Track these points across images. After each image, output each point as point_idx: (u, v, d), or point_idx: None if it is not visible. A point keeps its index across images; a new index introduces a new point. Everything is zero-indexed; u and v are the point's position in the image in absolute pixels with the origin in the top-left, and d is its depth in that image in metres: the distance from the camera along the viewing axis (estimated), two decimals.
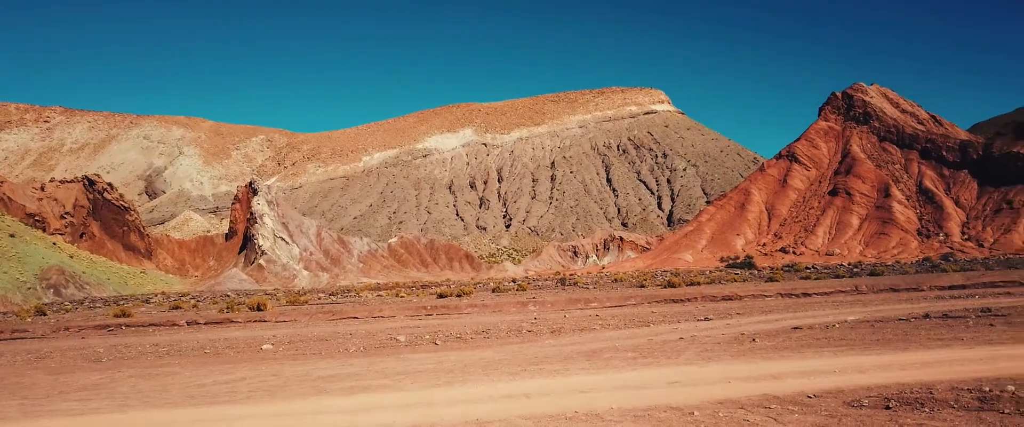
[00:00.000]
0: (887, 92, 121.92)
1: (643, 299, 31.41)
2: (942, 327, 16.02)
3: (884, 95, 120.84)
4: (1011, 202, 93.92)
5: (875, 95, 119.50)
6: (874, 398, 8.11)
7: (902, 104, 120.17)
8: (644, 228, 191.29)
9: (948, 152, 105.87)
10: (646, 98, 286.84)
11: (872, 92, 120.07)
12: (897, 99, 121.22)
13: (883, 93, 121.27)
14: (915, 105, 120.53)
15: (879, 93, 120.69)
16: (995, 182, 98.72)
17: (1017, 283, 32.95)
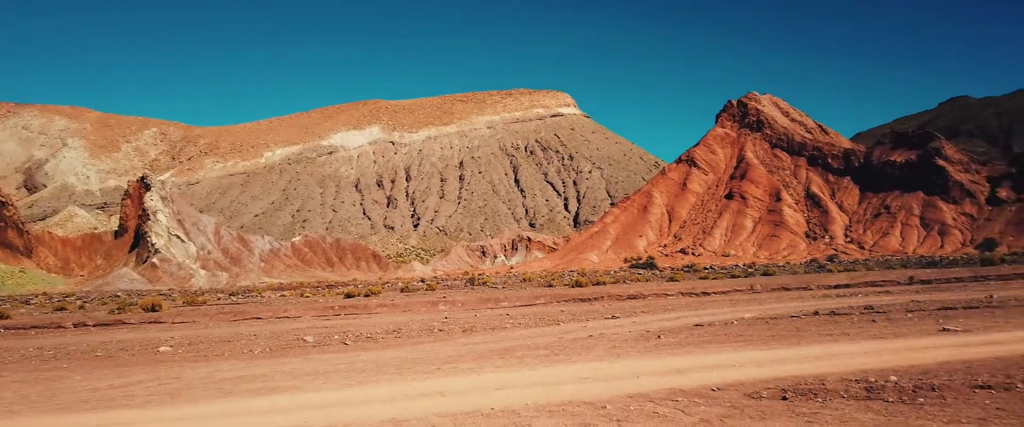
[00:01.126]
0: (778, 101, 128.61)
1: (552, 298, 31.89)
2: (830, 323, 17.07)
3: (776, 104, 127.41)
4: (888, 207, 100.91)
5: (767, 104, 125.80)
6: (772, 390, 8.59)
7: (792, 113, 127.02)
8: (551, 229, 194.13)
9: (833, 160, 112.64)
10: (553, 101, 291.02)
11: (765, 101, 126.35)
12: (787, 108, 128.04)
13: (775, 102, 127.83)
14: (804, 114, 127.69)
15: (771, 102, 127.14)
16: (875, 188, 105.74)
17: (895, 282, 35.44)
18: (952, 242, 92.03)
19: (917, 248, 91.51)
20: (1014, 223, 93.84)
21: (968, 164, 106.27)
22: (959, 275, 38.14)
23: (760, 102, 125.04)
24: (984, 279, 34.27)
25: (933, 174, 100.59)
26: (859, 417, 7.08)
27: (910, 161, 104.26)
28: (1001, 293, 24.42)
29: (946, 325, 14.96)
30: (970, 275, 37.27)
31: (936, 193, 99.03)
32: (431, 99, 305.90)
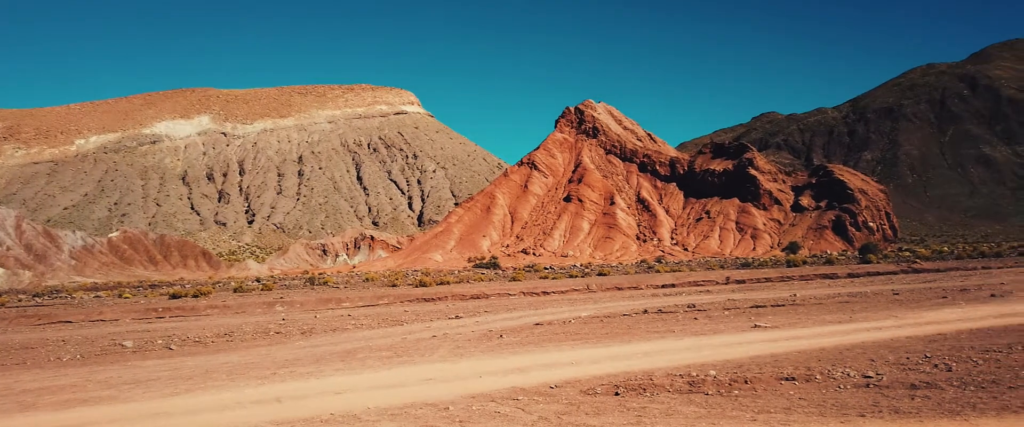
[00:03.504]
0: (612, 110, 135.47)
1: (395, 298, 31.55)
2: (658, 321, 18.20)
3: (610, 113, 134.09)
4: (709, 212, 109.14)
5: (603, 112, 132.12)
6: (606, 386, 9.03)
7: (624, 122, 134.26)
8: (395, 227, 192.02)
9: (661, 167, 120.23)
10: (396, 98, 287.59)
11: (600, 109, 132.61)
12: (620, 117, 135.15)
13: (609, 110, 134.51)
14: (635, 123, 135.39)
15: (606, 110, 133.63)
16: (697, 194, 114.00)
17: (715, 282, 38.41)
18: (763, 245, 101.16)
19: (734, 250, 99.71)
20: (813, 228, 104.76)
21: (776, 174, 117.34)
22: (768, 275, 42.00)
23: (596, 110, 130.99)
24: (789, 279, 37.98)
25: (747, 183, 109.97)
26: (683, 410, 7.60)
27: (727, 170, 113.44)
28: (802, 292, 27.17)
29: (757, 322, 16.42)
30: (777, 276, 41.16)
31: (749, 200, 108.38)
32: (268, 90, 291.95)
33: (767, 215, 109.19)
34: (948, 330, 13.11)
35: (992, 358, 9.64)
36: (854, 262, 60.11)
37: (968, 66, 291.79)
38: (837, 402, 7.46)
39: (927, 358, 9.87)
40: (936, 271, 38.97)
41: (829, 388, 8.25)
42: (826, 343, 12.21)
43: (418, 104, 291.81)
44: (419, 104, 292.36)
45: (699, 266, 68.89)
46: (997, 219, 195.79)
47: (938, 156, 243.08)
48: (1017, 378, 8.25)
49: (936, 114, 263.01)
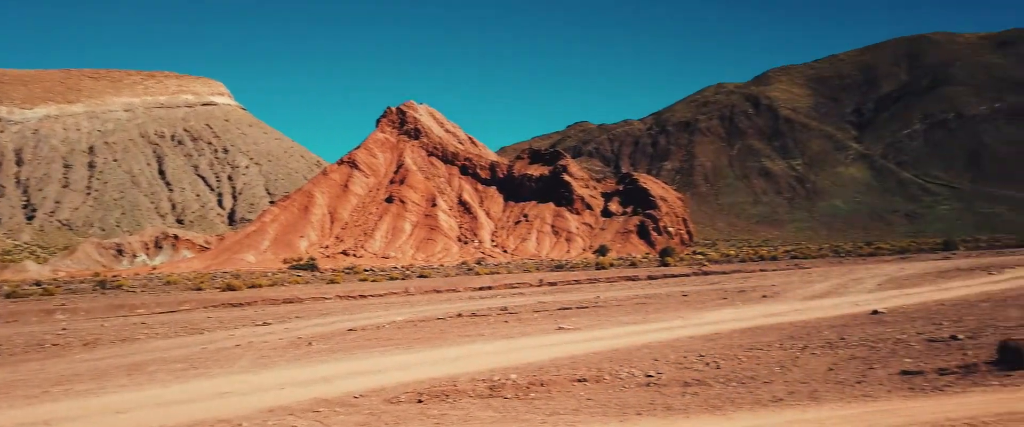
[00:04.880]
0: (433, 112, 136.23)
1: (199, 304, 29.58)
2: (471, 324, 18.60)
3: (432, 115, 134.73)
4: (527, 216, 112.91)
5: (424, 114, 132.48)
6: (410, 393, 9.13)
7: (446, 124, 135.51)
8: (203, 226, 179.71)
9: (481, 170, 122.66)
10: (204, 88, 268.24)
11: (421, 110, 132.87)
12: (442, 119, 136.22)
13: (430, 112, 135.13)
14: (456, 126, 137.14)
15: (427, 112, 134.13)
16: (516, 198, 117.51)
17: (529, 284, 39.82)
18: (576, 247, 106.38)
19: (550, 252, 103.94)
20: (621, 232, 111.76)
21: (588, 181, 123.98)
22: (578, 278, 44.27)
23: (418, 111, 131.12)
24: (596, 281, 40.26)
25: (562, 188, 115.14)
26: (480, 415, 7.88)
27: (544, 176, 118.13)
28: (606, 294, 28.94)
29: (562, 324, 17.29)
30: (586, 278, 43.48)
31: (564, 205, 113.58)
32: (52, 72, 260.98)
33: (580, 219, 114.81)
34: (723, 329, 14.58)
35: (754, 355, 10.89)
36: (655, 264, 64.96)
37: (752, 87, 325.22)
38: (620, 402, 8.10)
39: (701, 357, 10.96)
40: (722, 273, 43.01)
41: (615, 388, 8.93)
42: (620, 344, 13.14)
43: (229, 95, 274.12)
44: (230, 96, 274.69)
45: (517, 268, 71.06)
46: (776, 225, 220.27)
47: (727, 168, 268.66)
48: (771, 373, 9.40)
49: (726, 129, 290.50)
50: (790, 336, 12.96)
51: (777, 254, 73.68)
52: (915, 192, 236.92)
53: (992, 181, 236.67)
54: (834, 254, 70.66)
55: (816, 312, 17.13)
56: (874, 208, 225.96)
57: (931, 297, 19.54)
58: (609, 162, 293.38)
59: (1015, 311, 14.95)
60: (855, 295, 21.78)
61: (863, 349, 10.97)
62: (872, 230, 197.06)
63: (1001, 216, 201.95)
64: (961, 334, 11.77)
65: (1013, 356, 8.80)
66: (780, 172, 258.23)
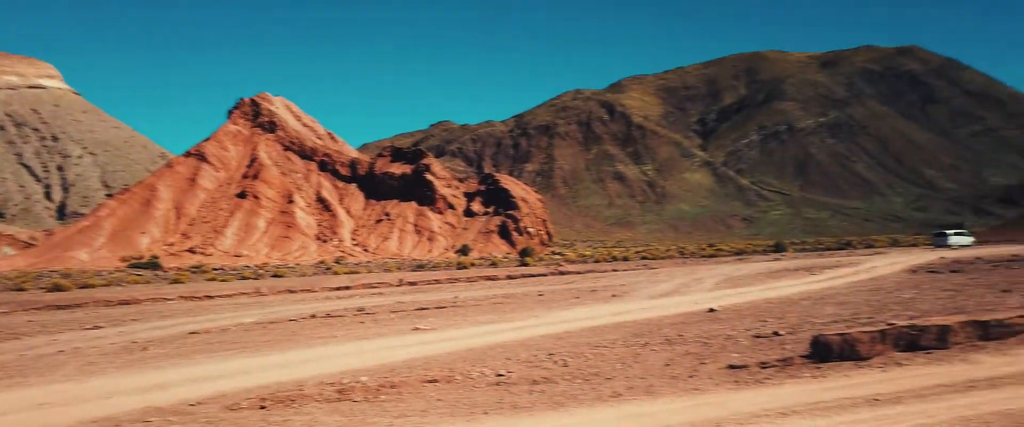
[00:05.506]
0: (291, 105, 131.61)
1: (19, 306, 26.88)
2: (324, 326, 18.12)
3: (288, 108, 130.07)
4: (389, 214, 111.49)
5: (280, 106, 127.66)
6: (252, 399, 8.76)
7: (304, 118, 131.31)
8: (28, 221, 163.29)
9: (341, 167, 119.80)
10: (31, 69, 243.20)
11: (277, 103, 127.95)
12: (299, 113, 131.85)
13: (287, 106, 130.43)
14: (314, 121, 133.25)
15: (284, 105, 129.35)
16: (377, 196, 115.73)
17: (388, 284, 39.32)
18: (438, 247, 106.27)
19: (412, 252, 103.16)
20: (483, 232, 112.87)
21: (451, 180, 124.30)
22: (439, 278, 44.27)
23: (273, 103, 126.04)
24: (456, 281, 40.43)
25: (424, 187, 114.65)
26: (326, 419, 7.71)
27: (406, 174, 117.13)
28: (465, 294, 29.15)
29: (418, 324, 17.24)
30: (447, 278, 43.56)
31: (426, 204, 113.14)
32: None
33: (442, 219, 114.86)
34: (574, 328, 15.11)
35: (600, 353, 11.38)
36: (515, 264, 66.17)
37: (607, 94, 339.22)
38: (469, 401, 8.20)
39: (551, 355, 11.30)
40: (577, 273, 44.51)
41: (466, 388, 9.02)
42: (474, 344, 13.29)
43: (60, 79, 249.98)
44: (61, 79, 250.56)
45: (377, 268, 70.01)
46: (629, 227, 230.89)
47: (585, 171, 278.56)
48: (614, 370, 9.85)
49: (583, 134, 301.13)
50: (634, 333, 13.63)
51: (629, 255, 77.22)
52: (752, 198, 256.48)
53: (817, 189, 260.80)
54: (680, 255, 75.04)
55: (659, 310, 18.12)
56: (716, 212, 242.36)
57: (761, 296, 21.21)
58: (472, 162, 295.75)
59: (830, 308, 16.54)
60: (695, 294, 23.25)
61: (697, 345, 11.74)
62: (714, 232, 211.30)
63: (825, 221, 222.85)
64: (782, 330, 12.87)
65: (823, 350, 9.75)
66: (633, 177, 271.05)
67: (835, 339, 9.80)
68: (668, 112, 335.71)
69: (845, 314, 14.94)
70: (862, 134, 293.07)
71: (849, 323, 13.10)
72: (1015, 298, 16.34)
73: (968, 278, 23.85)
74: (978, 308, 14.03)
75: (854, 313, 15.01)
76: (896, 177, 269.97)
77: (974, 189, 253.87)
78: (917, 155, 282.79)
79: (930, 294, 18.66)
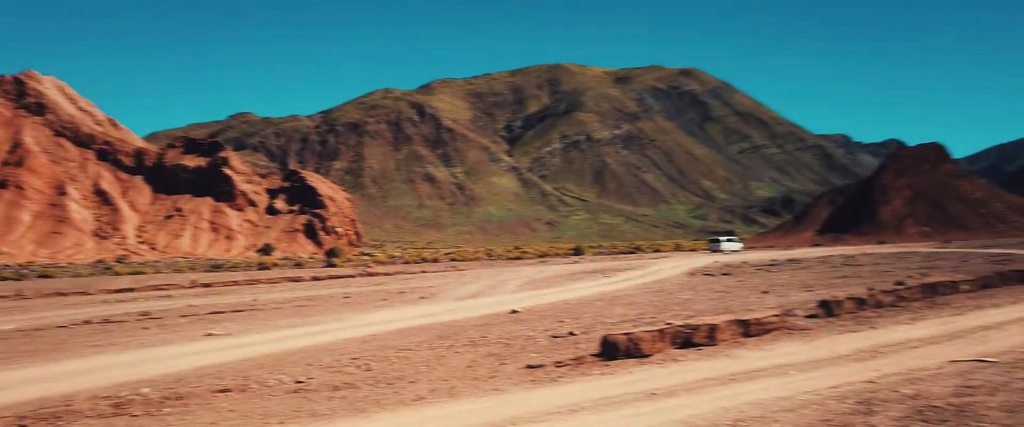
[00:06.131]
0: (64, 86, 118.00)
1: None
2: (101, 333, 16.46)
3: (61, 89, 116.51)
4: (181, 210, 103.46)
5: (51, 87, 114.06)
6: (9, 419, 7.77)
7: (79, 101, 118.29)
8: None
9: (125, 157, 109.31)
10: None
11: (48, 83, 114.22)
12: (74, 96, 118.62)
13: (60, 86, 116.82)
14: (92, 105, 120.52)
15: (56, 86, 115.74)
16: (167, 190, 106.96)
17: (179, 286, 36.48)
18: (238, 246, 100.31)
19: (207, 251, 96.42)
20: (287, 231, 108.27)
21: (252, 176, 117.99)
22: (237, 279, 41.86)
23: (42, 83, 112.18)
24: (256, 282, 38.45)
25: (222, 182, 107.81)
26: None
27: (201, 168, 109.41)
28: (265, 296, 27.84)
29: (212, 330, 16.19)
30: (246, 279, 41.31)
31: (224, 200, 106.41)
32: None
33: (242, 216, 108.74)
34: (380, 331, 15.00)
35: (405, 356, 11.40)
36: (321, 265, 64.20)
37: (417, 95, 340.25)
38: (264, 411, 7.86)
39: (354, 360, 11.14)
40: (386, 275, 44.17)
41: (262, 397, 8.64)
42: (273, 349, 12.75)
43: None
44: None
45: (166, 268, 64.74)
46: (438, 228, 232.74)
47: (395, 171, 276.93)
48: (418, 373, 9.92)
49: (393, 134, 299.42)
50: (439, 336, 13.81)
51: (438, 256, 77.91)
52: (554, 203, 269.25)
53: (612, 196, 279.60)
54: (488, 257, 76.95)
55: (465, 312, 18.49)
56: (522, 216, 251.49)
57: (560, 297, 22.36)
58: (275, 158, 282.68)
59: (620, 308, 17.83)
60: (500, 296, 23.99)
61: (500, 346, 12.14)
62: (520, 235, 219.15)
63: (619, 226, 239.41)
64: (577, 330, 13.68)
65: (612, 348, 10.50)
66: (443, 179, 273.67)
67: (622, 338, 10.59)
68: (477, 117, 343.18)
69: (632, 314, 16.18)
70: (651, 147, 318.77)
71: (635, 323, 14.22)
72: (772, 298, 18.61)
73: (736, 280, 26.79)
74: (742, 308, 15.82)
75: (640, 313, 16.31)
76: (679, 187, 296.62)
77: (743, 200, 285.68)
78: (697, 168, 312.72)
79: (704, 295, 20.74)
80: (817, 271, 30.94)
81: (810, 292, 19.88)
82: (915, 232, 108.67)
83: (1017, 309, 14.59)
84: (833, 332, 12.17)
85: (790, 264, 38.06)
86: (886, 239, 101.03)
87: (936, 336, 11.42)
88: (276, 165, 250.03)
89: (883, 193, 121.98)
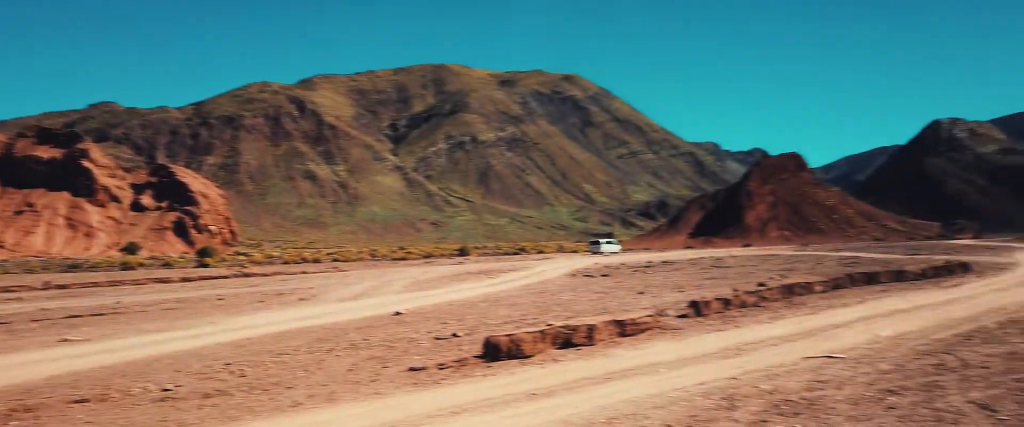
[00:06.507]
0: None
1: None
2: None
3: None
4: (33, 204, 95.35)
5: None
6: None
7: None
8: None
9: None
10: None
11: None
12: None
13: None
14: None
15: None
16: (17, 183, 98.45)
17: (30, 287, 33.57)
18: (99, 245, 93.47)
19: (63, 249, 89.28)
20: (155, 229, 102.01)
21: (115, 169, 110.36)
22: (97, 280, 39.00)
23: None
24: (120, 284, 35.98)
25: (81, 175, 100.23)
26: None
27: (57, 160, 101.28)
28: (130, 298, 26.10)
29: (68, 335, 15.05)
30: (108, 280, 38.56)
31: (83, 195, 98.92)
32: None
33: (104, 212, 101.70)
34: (255, 335, 14.45)
35: (282, 360, 11.05)
36: (193, 265, 60.88)
37: (297, 90, 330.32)
38: (127, 422, 7.40)
39: (227, 365, 10.68)
40: (264, 275, 42.50)
41: (124, 406, 8.13)
42: (138, 355, 12.01)
43: None
44: None
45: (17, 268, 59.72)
46: (320, 228, 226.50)
47: (274, 168, 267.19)
48: (296, 378, 9.64)
49: (272, 129, 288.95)
50: (319, 339, 13.47)
51: (320, 257, 75.79)
52: (440, 203, 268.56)
53: (498, 198, 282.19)
54: (372, 257, 75.64)
55: (347, 314, 18.12)
56: (407, 216, 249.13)
57: (444, 299, 22.34)
58: (142, 151, 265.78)
59: (503, 310, 18.04)
60: (384, 297, 23.67)
61: (382, 349, 12.00)
62: (405, 235, 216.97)
63: (504, 227, 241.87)
64: (461, 332, 13.74)
65: (494, 350, 10.63)
66: (325, 176, 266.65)
67: (504, 340, 10.75)
68: (360, 114, 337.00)
69: (515, 315, 16.42)
70: (534, 150, 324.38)
71: (518, 324, 14.44)
72: (647, 299, 19.42)
73: (614, 282, 27.74)
74: (619, 309, 16.41)
75: (523, 314, 16.58)
76: (562, 190, 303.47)
77: (622, 203, 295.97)
78: (579, 171, 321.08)
79: (584, 296, 21.35)
80: (689, 272, 32.53)
81: (682, 293, 20.89)
82: (777, 236, 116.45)
83: (862, 309, 15.97)
84: (701, 331, 12.86)
85: (664, 266, 39.81)
86: (751, 242, 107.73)
87: (792, 334, 12.31)
88: (142, 159, 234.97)
89: (748, 199, 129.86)
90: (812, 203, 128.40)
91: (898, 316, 14.46)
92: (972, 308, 15.55)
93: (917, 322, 13.44)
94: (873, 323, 13.47)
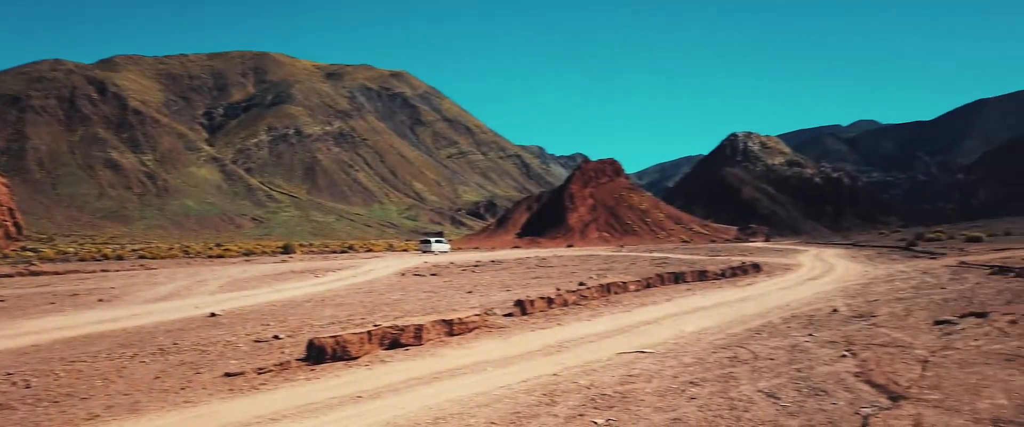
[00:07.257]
0: None
1: None
2: None
3: None
4: None
5: None
6: None
7: None
8: None
9: None
10: None
11: None
12: None
13: None
14: None
15: None
16: None
17: None
18: None
19: None
20: None
21: None
22: None
23: None
24: None
25: None
26: None
27: None
28: None
29: None
30: None
31: None
32: None
33: None
34: (44, 341, 12.99)
35: (76, 369, 10.01)
36: None
37: (97, 70, 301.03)
38: None
39: (9, 375, 9.51)
40: (56, 274, 38.23)
41: None
42: None
43: None
44: None
45: None
46: (124, 222, 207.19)
47: (68, 154, 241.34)
48: (92, 388, 8.78)
49: (66, 112, 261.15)
50: (121, 344, 12.36)
51: (124, 253, 69.43)
52: (262, 198, 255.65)
53: (324, 194, 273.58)
54: (185, 255, 70.41)
55: (155, 316, 16.77)
56: (225, 210, 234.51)
57: (266, 299, 21.31)
58: None
59: (329, 310, 17.54)
60: (198, 297, 22.15)
61: (194, 353, 11.24)
62: (223, 231, 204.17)
63: (331, 224, 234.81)
64: (283, 333, 13.19)
65: (318, 352, 10.31)
66: (130, 166, 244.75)
67: (329, 341, 10.46)
68: (170, 100, 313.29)
69: (342, 316, 16.03)
70: (363, 146, 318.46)
71: (344, 324, 14.11)
72: (475, 298, 19.74)
73: (443, 281, 27.89)
74: (447, 308, 16.55)
75: (350, 315, 16.22)
76: (392, 188, 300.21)
77: (452, 203, 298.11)
78: (409, 170, 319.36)
79: (413, 296, 21.28)
80: (515, 272, 33.45)
81: (509, 292, 21.44)
82: (597, 237, 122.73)
83: (670, 306, 17.27)
84: (526, 329, 13.29)
85: (493, 265, 40.63)
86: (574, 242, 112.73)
87: (608, 331, 13.06)
88: None
89: (571, 201, 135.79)
90: (628, 207, 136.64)
91: (700, 313, 15.79)
92: (762, 305, 17.32)
93: (716, 318, 14.75)
94: (679, 319, 14.61)
